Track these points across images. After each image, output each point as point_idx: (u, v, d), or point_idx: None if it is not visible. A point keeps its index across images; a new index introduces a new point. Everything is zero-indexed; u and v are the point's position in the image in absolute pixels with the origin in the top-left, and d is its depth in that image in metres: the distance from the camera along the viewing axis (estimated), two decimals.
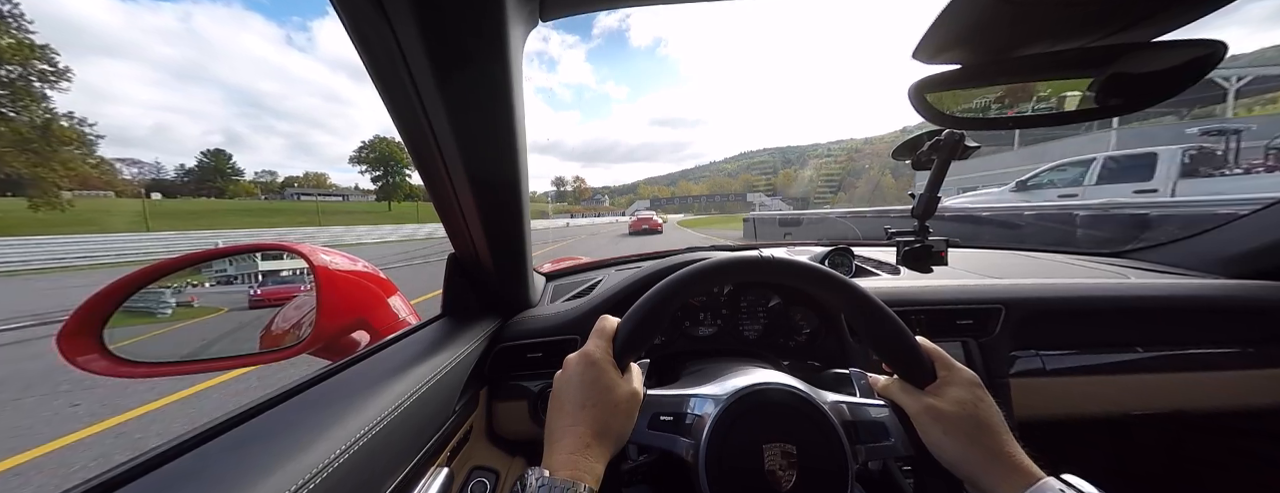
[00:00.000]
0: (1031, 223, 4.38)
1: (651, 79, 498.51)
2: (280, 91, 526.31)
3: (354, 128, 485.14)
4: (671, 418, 0.50)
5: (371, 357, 0.60)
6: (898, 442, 0.49)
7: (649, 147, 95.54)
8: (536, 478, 0.40)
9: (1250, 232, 1.02)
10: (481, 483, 0.68)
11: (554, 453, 0.43)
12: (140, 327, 0.73)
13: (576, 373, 0.48)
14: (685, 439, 0.48)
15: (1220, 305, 0.90)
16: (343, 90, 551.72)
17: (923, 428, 0.47)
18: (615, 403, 0.46)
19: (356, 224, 32.75)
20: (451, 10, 0.37)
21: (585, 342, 0.52)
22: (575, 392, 0.46)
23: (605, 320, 0.53)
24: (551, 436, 0.45)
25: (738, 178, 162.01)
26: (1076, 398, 0.88)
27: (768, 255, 0.54)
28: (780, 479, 0.46)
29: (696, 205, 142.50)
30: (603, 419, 0.45)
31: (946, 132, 0.84)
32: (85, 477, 0.32)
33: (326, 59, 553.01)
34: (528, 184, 0.64)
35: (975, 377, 0.49)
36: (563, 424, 0.45)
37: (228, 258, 0.83)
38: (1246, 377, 0.87)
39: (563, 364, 0.51)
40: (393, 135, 11.19)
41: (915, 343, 0.51)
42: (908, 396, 0.49)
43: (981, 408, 0.46)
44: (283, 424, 0.41)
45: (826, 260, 1.19)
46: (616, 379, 0.48)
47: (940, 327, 0.89)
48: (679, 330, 0.92)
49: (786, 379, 0.52)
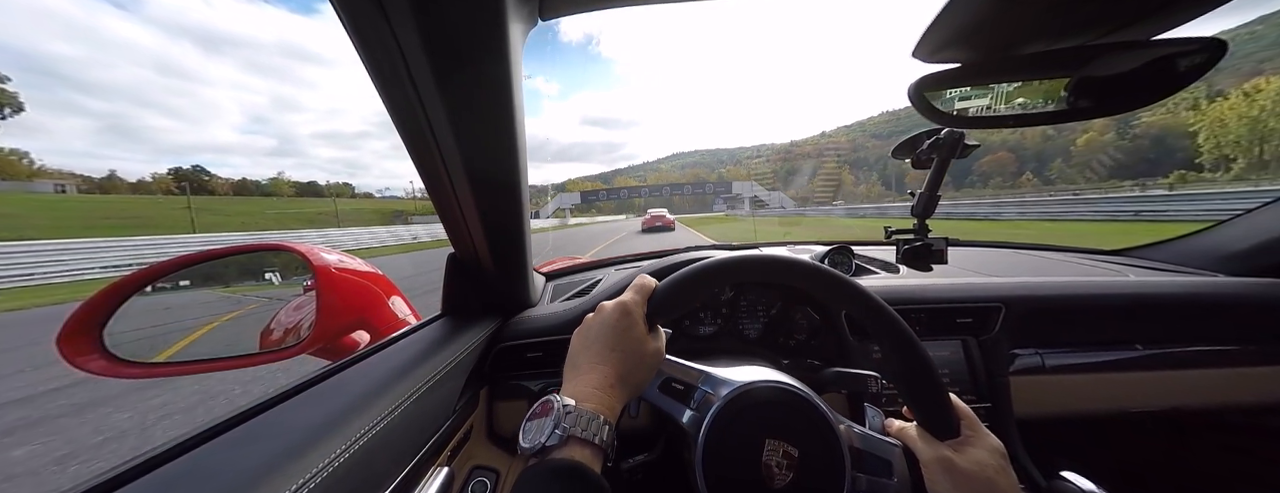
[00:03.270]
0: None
1: (586, 77, 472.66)
2: (89, 57, 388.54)
3: (206, 111, 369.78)
4: (682, 388, 0.51)
5: (371, 357, 0.60)
6: (898, 484, 0.49)
7: (582, 146, 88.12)
8: (563, 406, 0.40)
9: (1250, 229, 1.02)
10: (482, 483, 0.68)
11: (578, 385, 0.44)
12: (140, 327, 0.73)
13: (612, 318, 0.48)
14: (690, 411, 0.49)
15: (1220, 303, 0.90)
16: (189, 63, 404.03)
17: (932, 478, 0.47)
18: (642, 355, 0.47)
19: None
20: (451, 10, 0.37)
21: (637, 276, 0.53)
22: (608, 334, 0.47)
23: (645, 278, 0.54)
24: (576, 368, 0.46)
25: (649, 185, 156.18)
26: (1076, 395, 0.88)
27: (815, 266, 0.53)
28: (775, 477, 0.46)
29: (636, 204, 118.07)
30: (628, 366, 0.46)
31: (946, 130, 0.84)
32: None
33: (161, 21, 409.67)
34: (527, 184, 0.64)
35: (1003, 448, 0.49)
36: (589, 360, 0.46)
37: (228, 258, 0.82)
38: (1246, 374, 0.87)
39: (596, 308, 0.51)
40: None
41: (948, 398, 0.50)
42: (925, 443, 0.49)
43: (1002, 477, 0.46)
44: (283, 424, 0.41)
45: (826, 259, 1.19)
46: (645, 333, 0.49)
47: (940, 325, 0.89)
48: (679, 329, 0.92)
49: (798, 384, 0.52)
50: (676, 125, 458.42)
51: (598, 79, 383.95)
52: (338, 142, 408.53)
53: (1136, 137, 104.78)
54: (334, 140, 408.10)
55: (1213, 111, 75.75)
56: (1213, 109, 75.68)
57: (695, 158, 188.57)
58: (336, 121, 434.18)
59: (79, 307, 0.64)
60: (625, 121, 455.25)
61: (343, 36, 0.40)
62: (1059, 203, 22.64)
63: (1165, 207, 15.73)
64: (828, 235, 1.48)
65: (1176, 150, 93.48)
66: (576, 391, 0.43)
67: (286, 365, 0.65)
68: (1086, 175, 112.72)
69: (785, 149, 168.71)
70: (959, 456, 0.47)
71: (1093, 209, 18.50)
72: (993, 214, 24.18)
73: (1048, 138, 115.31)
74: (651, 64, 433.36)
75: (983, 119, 0.59)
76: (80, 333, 0.64)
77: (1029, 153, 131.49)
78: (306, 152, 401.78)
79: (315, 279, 0.77)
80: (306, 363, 0.68)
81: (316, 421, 0.41)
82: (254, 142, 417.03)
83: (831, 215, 31.41)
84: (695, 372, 0.52)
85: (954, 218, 24.23)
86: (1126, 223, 15.78)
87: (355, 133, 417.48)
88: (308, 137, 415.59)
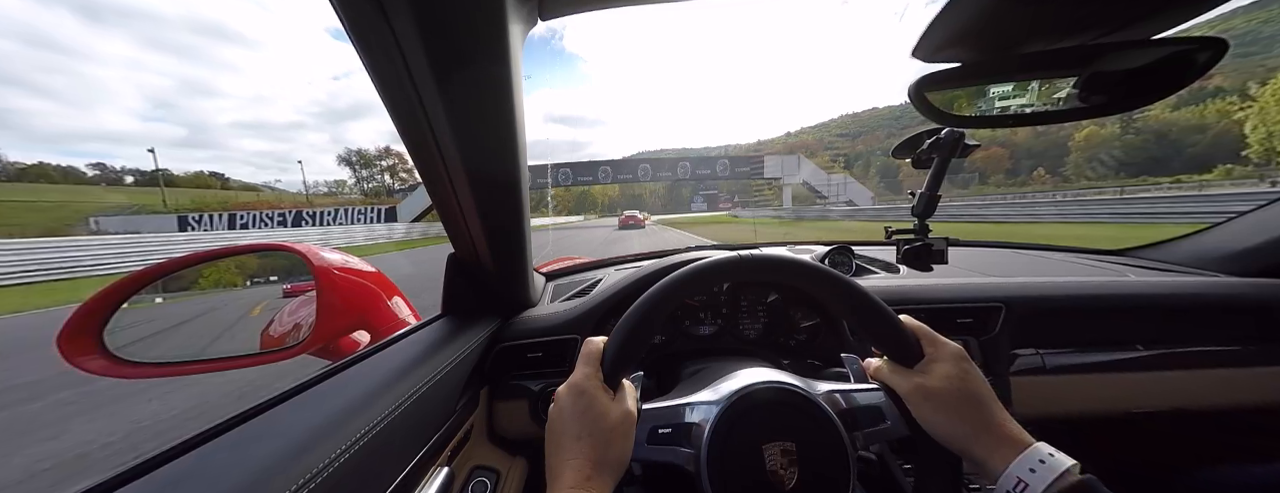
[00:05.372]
0: None
1: (553, 75, 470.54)
2: None
3: (96, 94, 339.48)
4: (670, 430, 0.49)
5: (372, 357, 0.60)
6: (894, 424, 0.49)
7: (544, 144, 69.15)
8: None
9: (1251, 229, 1.02)
10: (482, 483, 0.68)
11: (556, 489, 0.42)
12: (141, 327, 0.73)
13: (567, 405, 0.47)
14: (686, 449, 0.48)
15: (1221, 303, 0.90)
16: (71, 35, 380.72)
17: (914, 407, 0.47)
18: (610, 429, 0.45)
19: None
20: (451, 9, 0.37)
21: (583, 343, 0.52)
22: (569, 425, 0.45)
23: (590, 343, 0.52)
24: (552, 474, 0.44)
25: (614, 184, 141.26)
26: (1077, 396, 0.88)
27: (750, 254, 0.54)
28: (784, 478, 0.46)
29: (597, 200, 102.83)
30: (599, 449, 0.44)
31: (946, 130, 0.84)
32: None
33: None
34: (527, 183, 0.64)
35: (960, 350, 0.50)
36: (561, 459, 0.44)
37: (227, 259, 0.82)
38: (1249, 374, 0.87)
39: (553, 398, 0.50)
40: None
41: (898, 322, 0.51)
42: (898, 376, 0.50)
43: (968, 382, 0.46)
44: (284, 424, 0.41)
45: (826, 259, 1.19)
46: (608, 405, 0.47)
47: (941, 325, 0.88)
48: (678, 330, 0.92)
49: (779, 376, 0.52)
50: (642, 125, 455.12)
51: (565, 76, 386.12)
52: (266, 133, 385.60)
53: (1140, 131, 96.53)
54: (261, 132, 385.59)
55: (1267, 96, 59.40)
56: (1267, 93, 59.30)
57: (662, 156, 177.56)
58: (263, 110, 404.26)
59: (79, 307, 0.64)
60: (591, 120, 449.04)
61: (269, 18, 0.39)
62: (1079, 203, 19.67)
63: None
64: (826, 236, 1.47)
65: (1186, 146, 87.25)
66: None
67: (284, 368, 0.65)
68: (1098, 171, 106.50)
69: (754, 148, 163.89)
70: (928, 378, 0.47)
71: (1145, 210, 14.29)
72: (980, 216, 20.80)
73: (1039, 134, 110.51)
74: (620, 62, 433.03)
75: (982, 119, 0.59)
76: (81, 333, 0.64)
77: (1022, 150, 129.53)
78: (225, 144, 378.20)
79: (315, 280, 0.77)
80: (308, 364, 0.68)
81: (317, 421, 0.41)
82: (157, 130, 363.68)
83: (828, 216, 30.84)
84: (675, 408, 0.51)
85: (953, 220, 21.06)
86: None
87: (287, 124, 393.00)
88: (227, 126, 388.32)
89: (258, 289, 1.00)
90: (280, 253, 0.86)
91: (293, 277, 0.97)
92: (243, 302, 0.96)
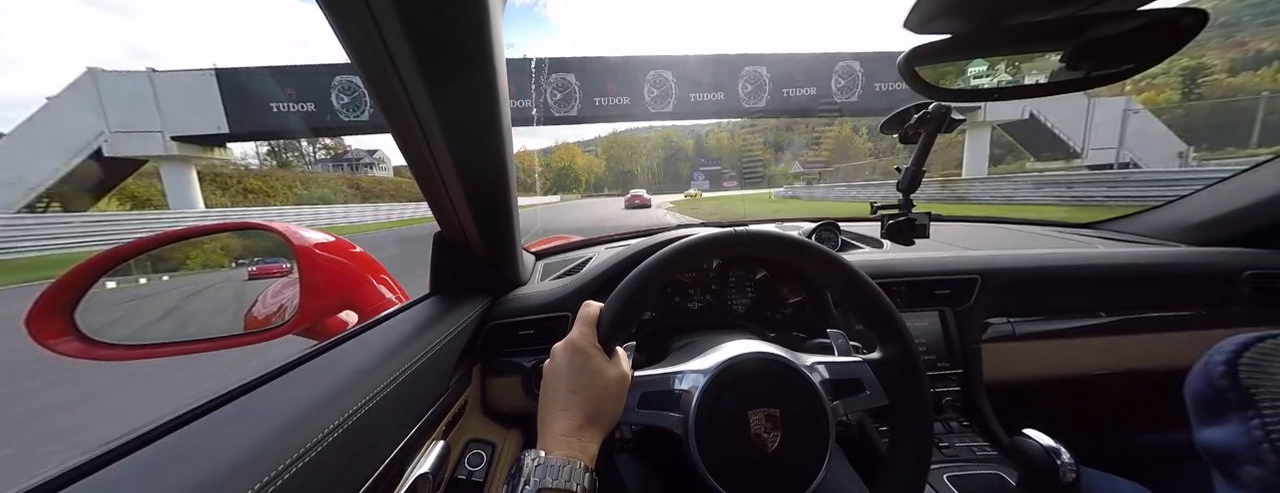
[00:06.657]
0: None
1: (534, 39, 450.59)
2: None
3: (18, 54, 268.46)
4: (660, 395, 0.52)
5: (361, 335, 0.60)
6: (873, 393, 0.53)
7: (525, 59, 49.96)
8: (533, 459, 0.41)
9: (1213, 201, 1.07)
10: (478, 455, 0.69)
11: (548, 436, 0.43)
12: (117, 306, 0.70)
13: (564, 361, 0.48)
14: (675, 414, 0.50)
15: (1177, 271, 0.95)
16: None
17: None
18: (604, 387, 0.47)
19: None
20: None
21: (574, 320, 0.52)
22: (565, 379, 0.47)
23: (588, 306, 0.53)
24: (544, 422, 0.45)
25: (600, 157, 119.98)
26: (1041, 360, 0.94)
27: (742, 230, 0.55)
28: (766, 442, 0.48)
29: (578, 178, 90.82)
30: (593, 403, 0.46)
31: (934, 104, 0.85)
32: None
33: None
34: (514, 162, 0.63)
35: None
36: (554, 410, 0.45)
37: (203, 237, 0.80)
38: (1197, 337, 0.93)
39: (550, 354, 0.51)
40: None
41: (882, 297, 0.54)
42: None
43: None
44: (275, 401, 0.41)
45: (814, 235, 1.21)
46: (603, 364, 0.48)
47: (920, 297, 0.92)
48: (668, 305, 0.93)
49: (766, 348, 0.54)
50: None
51: (552, 46, 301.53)
52: None
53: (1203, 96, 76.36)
54: None
55: None
56: None
57: (625, 137, 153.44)
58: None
59: (47, 287, 0.62)
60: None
61: None
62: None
63: None
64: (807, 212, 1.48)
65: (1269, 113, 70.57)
66: (546, 442, 0.43)
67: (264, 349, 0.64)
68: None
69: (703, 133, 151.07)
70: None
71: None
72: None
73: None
74: (605, 31, 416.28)
75: (970, 92, 0.59)
76: (50, 313, 0.62)
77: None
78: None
79: (297, 260, 0.75)
80: (292, 345, 0.67)
81: (309, 397, 0.41)
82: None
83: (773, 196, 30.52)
84: (665, 376, 0.53)
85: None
86: None
87: None
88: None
89: (236, 271, 0.96)
90: (261, 233, 0.83)
91: (264, 258, 0.93)
92: (209, 283, 0.91)
